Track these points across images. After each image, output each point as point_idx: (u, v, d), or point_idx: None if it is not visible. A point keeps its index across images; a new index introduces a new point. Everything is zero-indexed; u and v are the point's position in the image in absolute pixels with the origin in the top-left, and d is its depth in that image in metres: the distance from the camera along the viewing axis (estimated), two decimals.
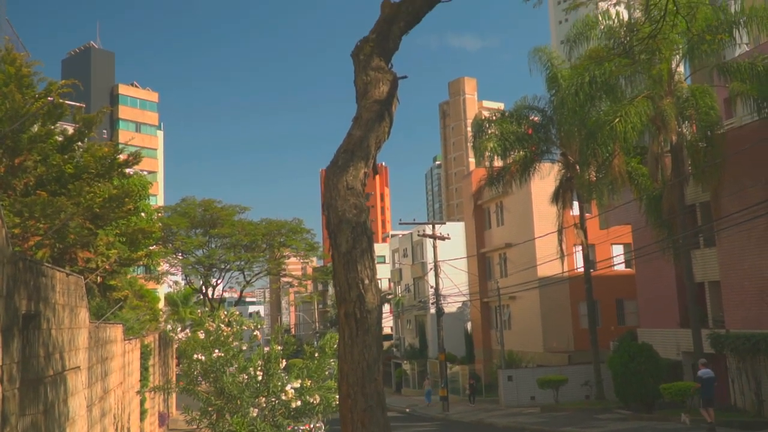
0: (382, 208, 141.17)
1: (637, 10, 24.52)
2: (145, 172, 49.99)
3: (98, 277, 15.37)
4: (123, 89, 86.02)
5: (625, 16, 27.42)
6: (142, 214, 21.86)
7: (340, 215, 5.25)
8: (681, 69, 28.30)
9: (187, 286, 62.37)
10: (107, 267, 14.81)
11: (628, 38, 23.44)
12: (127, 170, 17.86)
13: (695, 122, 26.08)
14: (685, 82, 28.54)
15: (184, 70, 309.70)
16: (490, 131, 34.48)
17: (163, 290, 65.10)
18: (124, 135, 78.01)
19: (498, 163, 36.06)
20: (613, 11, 26.66)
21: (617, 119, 24.83)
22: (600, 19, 27.06)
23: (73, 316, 7.61)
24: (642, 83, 26.76)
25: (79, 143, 15.32)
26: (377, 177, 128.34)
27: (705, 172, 25.08)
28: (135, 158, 16.52)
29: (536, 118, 35.31)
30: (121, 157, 16.19)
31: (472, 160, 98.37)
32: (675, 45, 25.34)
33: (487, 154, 33.93)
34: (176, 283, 66.85)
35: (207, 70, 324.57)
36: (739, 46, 31.09)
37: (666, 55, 24.88)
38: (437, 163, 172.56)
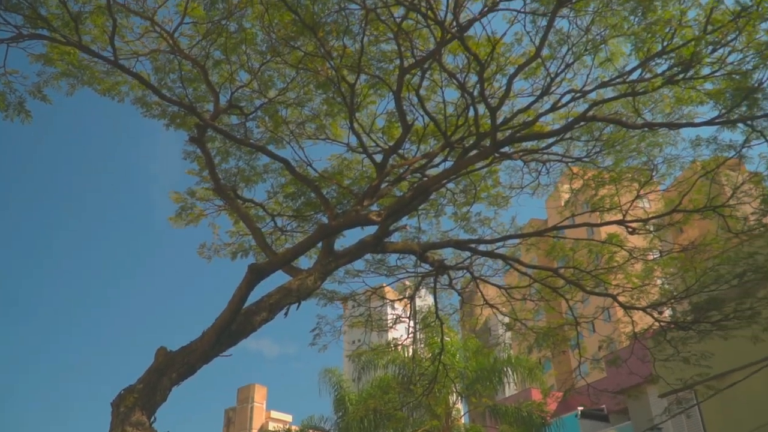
0: None
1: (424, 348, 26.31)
2: None
3: None
4: None
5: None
6: None
7: None
8: (459, 405, 29.79)
9: None
10: None
11: (411, 373, 24.68)
12: None
13: None
14: (462, 419, 29.88)
15: None
16: None
17: None
18: None
19: None
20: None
21: None
22: (388, 351, 28.54)
23: None
24: (424, 415, 27.60)
25: None
26: None
27: None
28: None
29: None
30: None
31: None
32: (452, 383, 27.03)
33: None
34: None
35: None
36: (508, 386, 33.83)
37: (442, 407, 26.24)
38: None
